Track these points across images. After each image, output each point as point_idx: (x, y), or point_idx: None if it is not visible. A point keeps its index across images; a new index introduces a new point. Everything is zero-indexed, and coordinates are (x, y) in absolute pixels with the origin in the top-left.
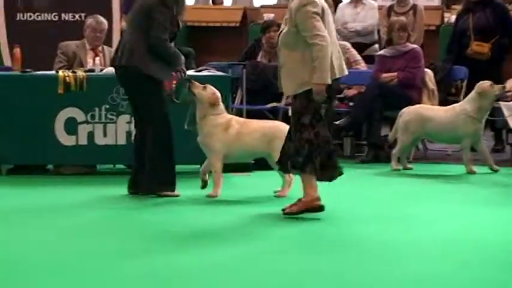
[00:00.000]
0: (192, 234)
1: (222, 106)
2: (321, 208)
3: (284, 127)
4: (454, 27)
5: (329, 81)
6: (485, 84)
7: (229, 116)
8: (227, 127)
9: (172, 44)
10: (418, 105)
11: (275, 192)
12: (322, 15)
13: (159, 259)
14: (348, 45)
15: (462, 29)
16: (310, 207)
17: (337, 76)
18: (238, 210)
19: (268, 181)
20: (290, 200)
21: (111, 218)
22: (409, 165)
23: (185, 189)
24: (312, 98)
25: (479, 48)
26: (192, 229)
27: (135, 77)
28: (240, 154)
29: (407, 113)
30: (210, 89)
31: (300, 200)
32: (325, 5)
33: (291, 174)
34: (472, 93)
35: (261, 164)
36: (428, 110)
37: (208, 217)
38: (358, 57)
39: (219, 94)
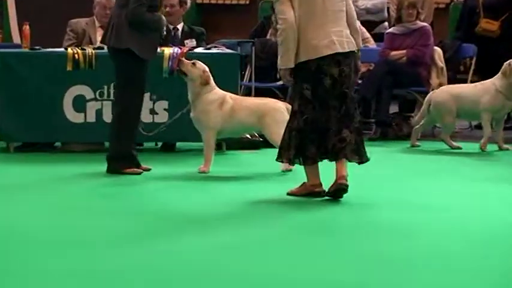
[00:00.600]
0: (193, 217)
1: (212, 81)
2: (320, 194)
3: (274, 104)
4: (463, 5)
5: (290, 65)
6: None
7: (222, 92)
8: (222, 103)
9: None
10: (444, 87)
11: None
12: None
13: (160, 243)
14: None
15: (471, 6)
16: (311, 192)
17: (315, 56)
18: (246, 188)
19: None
20: (295, 181)
21: (111, 196)
22: (417, 143)
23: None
24: (296, 80)
25: (489, 25)
26: (194, 211)
27: (122, 56)
28: (233, 130)
29: (438, 95)
30: (200, 65)
31: (303, 183)
32: None
33: None
34: (502, 69)
35: (268, 142)
36: (457, 88)
37: (214, 197)
38: (367, 35)
39: (208, 71)
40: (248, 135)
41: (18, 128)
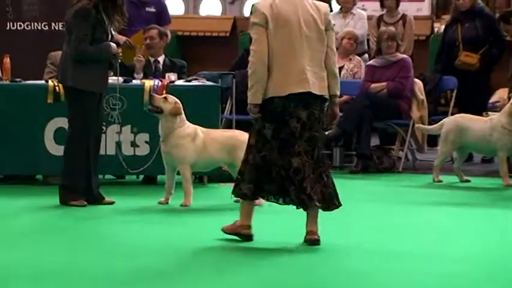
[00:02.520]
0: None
1: (183, 114)
2: (247, 237)
3: (243, 136)
4: (443, 38)
5: (257, 101)
6: None
7: (194, 126)
8: (194, 137)
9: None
10: (458, 115)
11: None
12: (276, 24)
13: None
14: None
15: (451, 39)
16: (237, 232)
17: (284, 93)
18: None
19: None
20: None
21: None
22: (465, 177)
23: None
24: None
25: (469, 59)
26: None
27: (69, 92)
28: (205, 164)
29: (447, 123)
30: (171, 98)
31: (235, 221)
32: (284, 12)
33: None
34: (507, 106)
35: None
36: (467, 119)
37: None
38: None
39: (180, 103)
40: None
41: None
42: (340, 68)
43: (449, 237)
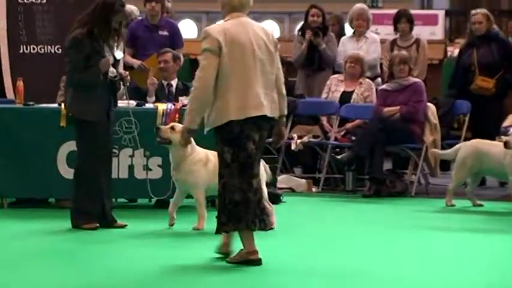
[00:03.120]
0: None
1: (193, 142)
2: (256, 262)
3: None
4: (457, 62)
5: (193, 126)
6: None
7: (204, 151)
8: (206, 162)
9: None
10: (475, 140)
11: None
12: (230, 49)
13: None
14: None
15: (466, 64)
16: (246, 260)
17: (242, 117)
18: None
19: None
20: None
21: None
22: (478, 202)
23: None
24: (217, 142)
25: (485, 83)
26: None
27: (73, 119)
28: (216, 187)
29: (464, 148)
30: (179, 127)
31: (240, 250)
32: (237, 36)
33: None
34: None
35: None
36: (486, 145)
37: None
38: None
39: None
40: None
41: (12, 183)
42: (351, 93)
43: (460, 263)
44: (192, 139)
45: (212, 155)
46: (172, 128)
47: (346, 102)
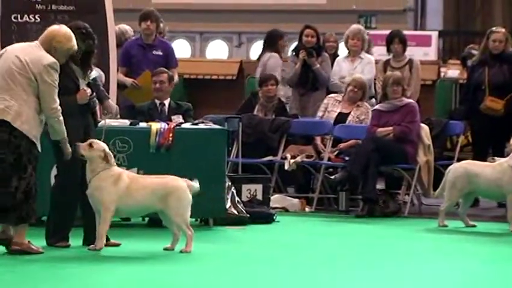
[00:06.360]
0: None
1: (113, 160)
2: None
3: (176, 182)
4: (468, 80)
5: None
6: None
7: (120, 170)
8: (116, 180)
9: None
10: (465, 161)
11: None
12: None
13: None
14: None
15: (477, 82)
16: None
17: None
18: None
19: (261, 235)
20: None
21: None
22: (471, 222)
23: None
24: None
25: (494, 104)
26: None
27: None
28: (131, 210)
29: (455, 169)
30: (98, 145)
31: None
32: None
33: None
34: None
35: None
36: (476, 166)
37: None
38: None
39: (107, 149)
40: (234, 211)
41: None
42: (347, 114)
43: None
44: (111, 159)
45: (128, 176)
46: (90, 145)
47: (341, 123)
